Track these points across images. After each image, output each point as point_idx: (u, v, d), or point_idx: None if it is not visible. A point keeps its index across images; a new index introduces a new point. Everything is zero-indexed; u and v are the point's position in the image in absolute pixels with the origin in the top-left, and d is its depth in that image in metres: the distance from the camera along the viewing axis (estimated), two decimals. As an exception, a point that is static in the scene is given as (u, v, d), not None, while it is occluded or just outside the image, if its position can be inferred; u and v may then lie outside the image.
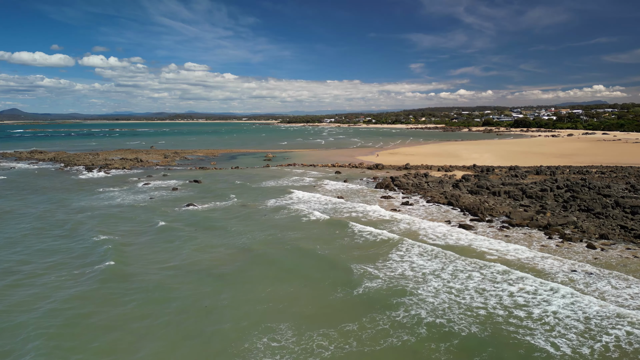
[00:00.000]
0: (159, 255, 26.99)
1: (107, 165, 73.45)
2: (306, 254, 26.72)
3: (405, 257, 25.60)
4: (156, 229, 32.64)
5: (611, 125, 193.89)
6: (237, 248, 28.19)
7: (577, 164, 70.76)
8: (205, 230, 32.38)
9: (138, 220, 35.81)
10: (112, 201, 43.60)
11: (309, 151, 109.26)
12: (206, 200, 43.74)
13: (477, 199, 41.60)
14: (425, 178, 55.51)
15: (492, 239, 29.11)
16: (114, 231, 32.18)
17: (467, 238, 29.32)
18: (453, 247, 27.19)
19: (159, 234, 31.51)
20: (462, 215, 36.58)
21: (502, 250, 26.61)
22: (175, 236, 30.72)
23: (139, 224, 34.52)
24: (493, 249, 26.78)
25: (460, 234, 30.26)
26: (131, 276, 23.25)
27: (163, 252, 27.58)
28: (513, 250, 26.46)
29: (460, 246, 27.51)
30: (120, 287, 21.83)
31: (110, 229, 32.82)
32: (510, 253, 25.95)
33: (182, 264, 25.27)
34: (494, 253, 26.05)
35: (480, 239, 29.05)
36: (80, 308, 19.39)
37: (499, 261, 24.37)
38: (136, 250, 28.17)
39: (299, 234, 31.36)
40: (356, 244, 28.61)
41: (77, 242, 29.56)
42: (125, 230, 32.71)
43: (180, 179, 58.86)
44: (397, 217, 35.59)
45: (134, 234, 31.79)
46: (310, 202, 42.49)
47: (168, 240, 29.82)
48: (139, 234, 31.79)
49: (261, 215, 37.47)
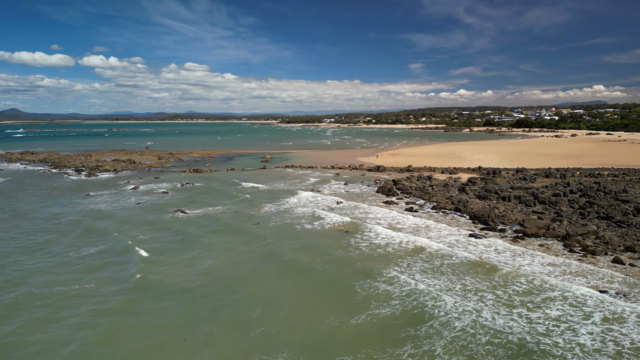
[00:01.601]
0: (119, 274, 24.23)
1: (98, 167, 70.73)
2: (301, 270, 23.98)
3: (405, 274, 22.85)
4: (131, 247, 29.71)
5: (615, 126, 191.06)
6: (228, 262, 25.44)
7: (586, 165, 68.02)
8: (192, 242, 29.59)
9: (117, 231, 33.04)
10: (94, 206, 40.81)
11: (308, 152, 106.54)
12: (197, 206, 41.01)
13: (486, 205, 38.86)
14: (429, 181, 52.76)
15: (506, 252, 26.34)
16: (83, 247, 29.41)
17: (478, 250, 26.58)
18: (464, 262, 24.45)
19: (132, 253, 28.72)
20: (471, 223, 33.82)
21: (518, 265, 23.85)
22: (159, 251, 27.96)
23: (113, 240, 31.69)
24: (508, 264, 24.03)
25: (470, 246, 27.51)
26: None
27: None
28: (531, 265, 23.69)
29: (471, 260, 24.75)
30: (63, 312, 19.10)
31: (81, 242, 30.06)
32: (528, 269, 23.20)
33: (157, 283, 22.50)
34: (509, 268, 23.30)
35: (493, 251, 26.31)
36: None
37: (518, 279, 21.63)
38: (103, 273, 25.42)
39: (294, 244, 28.62)
40: (355, 257, 25.87)
41: (46, 257, 26.81)
42: (95, 249, 29.94)
43: (173, 181, 56.14)
44: (400, 226, 32.82)
45: (102, 255, 28.95)
46: (307, 207, 39.76)
47: (148, 259, 27.03)
48: (109, 255, 28.93)
49: (254, 222, 34.74)
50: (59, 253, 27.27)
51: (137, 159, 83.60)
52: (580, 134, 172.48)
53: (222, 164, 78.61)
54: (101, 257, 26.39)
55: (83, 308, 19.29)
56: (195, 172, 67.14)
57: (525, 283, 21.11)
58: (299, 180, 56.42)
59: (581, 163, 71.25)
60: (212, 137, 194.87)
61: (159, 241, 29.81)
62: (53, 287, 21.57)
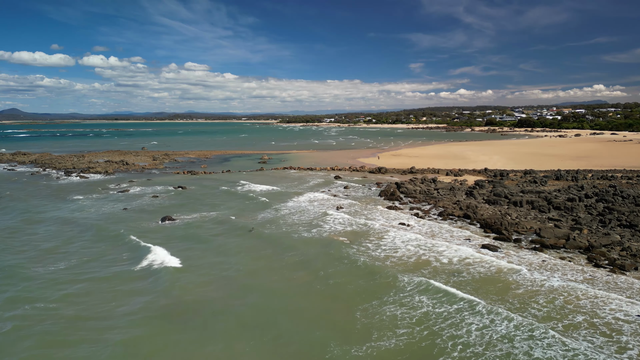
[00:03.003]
0: (101, 299, 21.60)
1: (89, 169, 68.10)
2: (296, 292, 21.35)
3: (415, 295, 20.22)
4: (108, 263, 27.16)
5: (619, 125, 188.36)
6: (210, 284, 22.82)
7: (597, 167, 65.38)
8: (175, 256, 26.96)
9: (97, 240, 30.41)
10: (79, 213, 38.19)
11: (307, 152, 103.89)
12: (188, 212, 38.38)
13: (497, 211, 36.24)
14: (434, 184, 50.13)
15: (525, 268, 23.69)
16: (54, 261, 26.78)
17: (494, 264, 23.93)
18: (481, 278, 21.82)
19: (108, 267, 26.10)
20: (482, 231, 31.16)
21: (540, 282, 21.22)
22: (141, 272, 25.32)
23: (96, 252, 29.07)
24: (532, 280, 21.39)
25: (485, 258, 24.87)
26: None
27: (114, 294, 22.21)
28: (558, 285, 21.05)
29: (489, 277, 22.12)
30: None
31: (50, 258, 27.43)
32: (554, 289, 20.56)
33: (124, 308, 19.87)
34: (531, 289, 20.66)
35: (511, 265, 23.65)
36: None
37: (543, 303, 19.01)
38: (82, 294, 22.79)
39: (289, 258, 26.00)
40: (356, 272, 23.23)
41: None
42: (73, 259, 27.30)
43: (165, 184, 53.51)
44: (406, 235, 30.18)
45: (80, 269, 26.36)
46: (305, 213, 37.13)
47: (123, 277, 24.42)
48: (82, 270, 26.35)
49: (248, 230, 32.10)
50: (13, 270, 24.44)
51: (131, 160, 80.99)
52: (584, 134, 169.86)
53: (218, 166, 75.97)
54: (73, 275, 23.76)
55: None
56: (189, 174, 64.51)
57: (558, 310, 18.46)
58: (297, 183, 53.80)
59: (591, 164, 68.60)
60: (210, 137, 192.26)
61: (154, 241, 27.16)
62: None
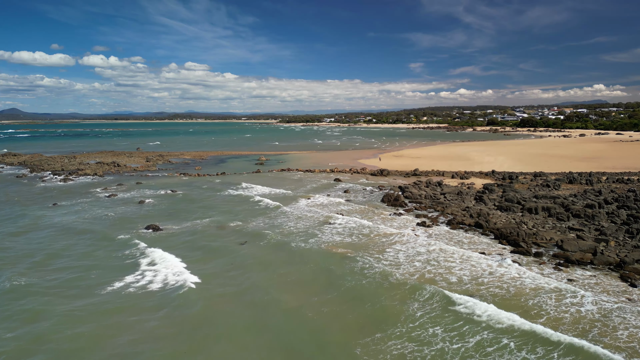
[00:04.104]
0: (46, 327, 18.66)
1: (78, 171, 65.17)
2: (289, 320, 18.44)
3: (418, 332, 17.29)
4: (78, 281, 24.25)
5: (624, 125, 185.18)
6: (192, 314, 19.90)
7: (609, 169, 62.45)
8: (152, 275, 24.05)
9: (67, 255, 27.51)
10: (55, 220, 35.25)
11: (306, 153, 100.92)
12: (175, 219, 35.49)
13: (511, 219, 33.32)
14: (440, 188, 47.18)
15: (557, 289, 20.75)
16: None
17: (517, 285, 21.00)
18: (501, 304, 18.90)
19: (73, 285, 23.18)
20: (497, 243, 28.20)
21: (587, 311, 18.30)
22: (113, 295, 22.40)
23: (68, 270, 26.16)
24: (569, 305, 18.47)
25: (504, 280, 21.95)
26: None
27: (82, 312, 19.29)
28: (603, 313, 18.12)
29: (510, 299, 19.20)
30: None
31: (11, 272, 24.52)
32: (602, 319, 17.63)
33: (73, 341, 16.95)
34: (583, 316, 17.74)
35: (536, 287, 20.71)
36: None
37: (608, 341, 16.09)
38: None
39: (283, 275, 23.08)
40: (358, 296, 20.31)
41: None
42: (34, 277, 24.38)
43: (155, 188, 50.59)
44: (412, 249, 27.23)
45: (35, 287, 23.43)
46: (302, 221, 34.21)
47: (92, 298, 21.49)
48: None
49: (240, 242, 29.19)
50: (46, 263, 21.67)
51: (123, 162, 78.05)
52: (589, 134, 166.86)
53: (213, 167, 73.02)
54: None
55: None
56: (182, 176, 61.56)
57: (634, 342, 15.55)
58: (295, 187, 50.85)
59: (602, 166, 65.63)
60: (208, 137, 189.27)
61: (106, 278, 24.25)
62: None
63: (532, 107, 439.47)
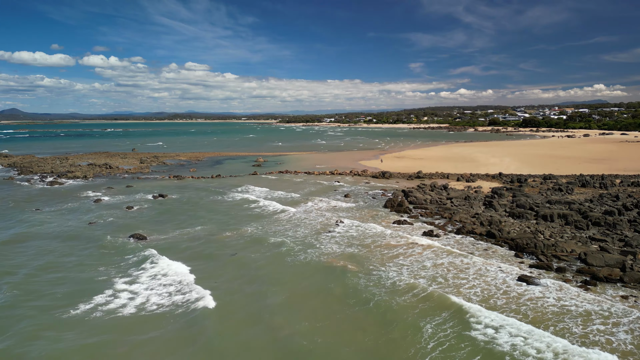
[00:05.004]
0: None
1: (67, 173, 62.63)
2: (278, 349, 15.88)
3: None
4: (53, 300, 21.71)
5: (628, 125, 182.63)
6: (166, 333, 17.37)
7: (620, 171, 59.86)
8: (127, 295, 21.53)
9: (42, 268, 24.98)
10: (37, 227, 32.70)
11: (305, 154, 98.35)
12: (163, 227, 32.96)
13: (525, 227, 30.78)
14: (445, 192, 44.63)
15: (587, 311, 18.19)
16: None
17: (541, 308, 18.45)
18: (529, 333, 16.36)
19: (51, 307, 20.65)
20: (513, 256, 25.63)
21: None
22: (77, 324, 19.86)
23: (38, 286, 23.61)
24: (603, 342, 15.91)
25: (524, 296, 19.39)
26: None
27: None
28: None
29: (540, 333, 16.66)
30: None
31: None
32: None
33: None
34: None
35: (564, 310, 18.16)
36: None
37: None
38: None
39: (276, 293, 20.54)
40: (362, 317, 17.78)
41: None
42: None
43: (145, 192, 48.06)
44: (420, 262, 24.68)
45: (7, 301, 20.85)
46: (299, 228, 31.67)
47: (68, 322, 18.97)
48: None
49: (230, 253, 26.67)
50: None
51: (116, 163, 75.48)
52: (593, 134, 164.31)
53: (209, 169, 70.46)
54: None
55: None
56: (175, 179, 59.03)
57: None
58: (292, 190, 48.29)
59: (613, 168, 63.06)
60: (206, 137, 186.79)
61: (73, 296, 21.70)
62: None
63: (532, 107, 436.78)
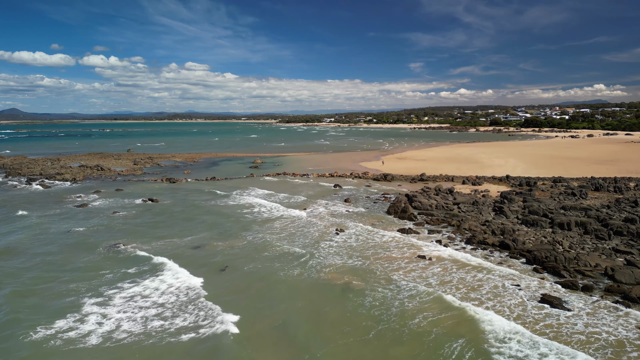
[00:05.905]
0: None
1: (56, 175, 60.17)
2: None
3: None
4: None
5: (632, 125, 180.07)
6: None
7: (632, 173, 57.35)
8: (96, 321, 19.07)
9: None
10: (15, 236, 30.22)
11: (304, 155, 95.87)
12: (148, 237, 30.49)
13: (541, 237, 28.33)
14: (451, 196, 42.15)
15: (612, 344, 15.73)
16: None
17: (571, 337, 16.00)
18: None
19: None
20: (531, 270, 23.16)
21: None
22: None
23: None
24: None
25: (547, 322, 16.94)
26: None
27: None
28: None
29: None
30: None
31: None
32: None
33: None
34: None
35: (602, 342, 15.71)
36: None
37: None
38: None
39: (266, 317, 18.08)
40: (369, 343, 15.33)
41: None
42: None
43: (135, 196, 45.61)
44: (428, 276, 22.20)
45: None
46: (296, 238, 29.21)
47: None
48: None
49: (219, 268, 24.23)
50: None
51: (108, 165, 73.01)
52: (597, 134, 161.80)
53: (204, 171, 67.97)
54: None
55: None
56: (168, 181, 56.53)
57: None
58: (290, 194, 45.81)
59: (624, 170, 60.55)
60: (204, 138, 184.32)
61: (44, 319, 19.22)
62: None
63: (533, 107, 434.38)
